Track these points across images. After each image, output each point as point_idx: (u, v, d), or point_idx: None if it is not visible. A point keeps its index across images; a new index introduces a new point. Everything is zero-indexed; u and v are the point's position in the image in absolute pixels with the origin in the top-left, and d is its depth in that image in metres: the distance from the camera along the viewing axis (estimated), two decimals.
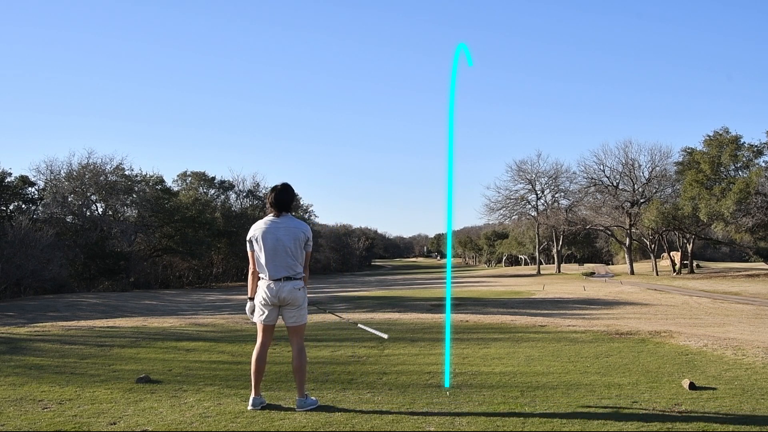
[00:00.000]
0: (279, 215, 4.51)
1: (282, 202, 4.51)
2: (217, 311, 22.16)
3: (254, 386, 4.49)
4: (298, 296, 4.46)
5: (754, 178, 42.54)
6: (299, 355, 4.51)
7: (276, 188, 4.56)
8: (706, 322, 16.06)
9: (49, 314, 20.54)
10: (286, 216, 4.53)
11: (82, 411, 4.40)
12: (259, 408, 4.41)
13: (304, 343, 4.60)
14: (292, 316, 4.50)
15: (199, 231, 48.59)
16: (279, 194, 4.52)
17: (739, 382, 5.18)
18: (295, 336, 4.55)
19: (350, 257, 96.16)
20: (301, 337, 4.56)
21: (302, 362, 4.50)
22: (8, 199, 37.40)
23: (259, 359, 4.50)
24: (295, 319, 4.50)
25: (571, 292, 33.51)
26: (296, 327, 4.53)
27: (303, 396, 4.48)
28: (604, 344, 7.40)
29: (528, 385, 5.15)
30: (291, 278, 4.44)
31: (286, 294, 4.43)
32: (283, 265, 4.42)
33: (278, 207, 4.50)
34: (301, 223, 4.59)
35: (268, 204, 4.61)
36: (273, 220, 4.50)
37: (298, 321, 4.51)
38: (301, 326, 4.55)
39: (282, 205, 4.51)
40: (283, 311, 4.52)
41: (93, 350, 7.42)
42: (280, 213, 4.51)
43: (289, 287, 4.43)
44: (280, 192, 4.52)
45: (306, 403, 4.45)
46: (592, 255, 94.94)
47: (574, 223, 66.90)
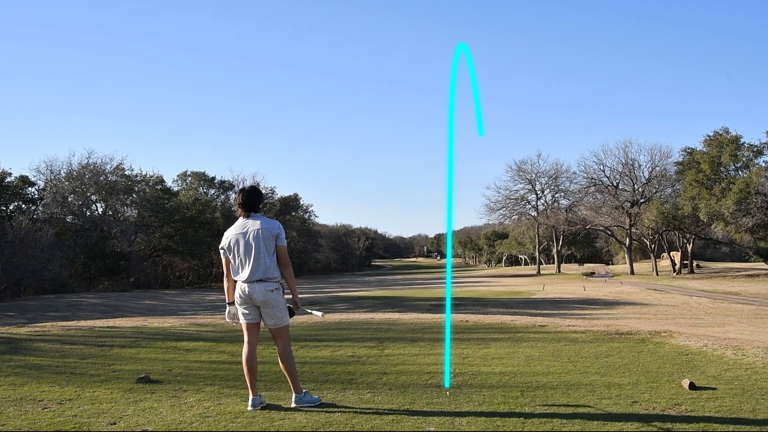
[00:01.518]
0: (248, 216, 4.58)
1: (249, 203, 4.61)
2: (217, 311, 22.15)
3: (250, 387, 4.49)
4: (270, 297, 4.45)
5: (754, 178, 42.54)
6: (284, 358, 4.52)
7: (244, 189, 4.68)
8: (706, 322, 16.06)
9: (49, 314, 20.54)
10: (254, 216, 4.59)
11: (82, 411, 4.40)
12: (259, 408, 4.40)
13: (288, 343, 4.58)
14: (271, 318, 4.50)
15: (199, 231, 48.57)
16: (247, 195, 4.63)
17: (739, 382, 5.18)
18: (278, 338, 4.55)
19: (350, 257, 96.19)
20: (283, 339, 4.55)
21: (289, 363, 4.52)
22: (8, 199, 37.40)
23: (249, 359, 4.50)
24: (274, 321, 4.50)
25: (571, 292, 33.51)
26: (277, 330, 4.52)
27: (299, 392, 4.51)
28: (604, 344, 7.40)
29: (528, 385, 5.15)
30: (263, 280, 4.45)
31: (259, 296, 4.44)
32: (255, 267, 4.44)
33: (246, 207, 4.60)
34: (270, 221, 4.61)
35: (236, 205, 4.71)
36: (243, 224, 4.57)
37: (278, 323, 4.50)
38: (283, 328, 4.53)
39: (249, 206, 4.61)
40: (262, 313, 4.52)
41: (93, 350, 7.42)
42: (248, 214, 4.59)
43: (261, 289, 4.44)
44: (248, 193, 4.64)
45: (304, 399, 4.47)
46: (592, 255, 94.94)
47: (574, 223, 66.89)
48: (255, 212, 4.62)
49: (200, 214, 50.06)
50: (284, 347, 4.53)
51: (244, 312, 4.54)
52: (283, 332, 4.54)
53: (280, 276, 4.54)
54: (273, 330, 4.54)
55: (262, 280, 4.44)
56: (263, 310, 4.50)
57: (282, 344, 4.54)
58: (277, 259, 4.53)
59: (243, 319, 4.56)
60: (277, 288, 4.49)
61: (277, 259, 4.53)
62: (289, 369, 4.51)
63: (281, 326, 4.52)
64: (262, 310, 4.50)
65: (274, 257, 4.51)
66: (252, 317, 4.54)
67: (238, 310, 4.57)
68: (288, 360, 4.52)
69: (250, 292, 4.45)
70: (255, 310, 4.53)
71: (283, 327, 4.53)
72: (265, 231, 4.49)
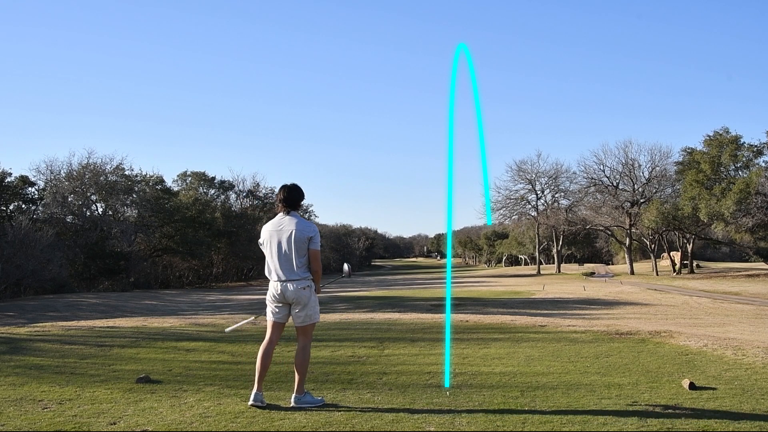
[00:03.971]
0: (287, 213, 4.65)
1: (290, 200, 4.67)
2: (217, 311, 22.16)
3: (257, 381, 4.54)
4: (302, 295, 4.54)
5: (754, 178, 42.54)
6: (302, 352, 4.60)
7: (285, 186, 4.73)
8: (706, 322, 16.05)
9: (49, 314, 20.52)
10: (292, 216, 4.65)
11: (82, 411, 4.40)
12: (259, 404, 4.43)
13: (310, 341, 4.66)
14: (299, 316, 4.58)
15: (199, 231, 48.56)
16: (288, 192, 4.69)
17: (739, 382, 5.18)
18: (302, 335, 4.64)
19: (350, 257, 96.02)
20: (307, 337, 4.64)
21: (303, 359, 4.58)
22: (8, 199, 37.38)
23: (264, 356, 4.58)
24: (302, 319, 4.59)
25: (571, 292, 33.51)
26: (303, 327, 4.61)
27: (301, 393, 4.54)
28: (604, 344, 7.40)
29: (528, 385, 5.15)
30: (295, 279, 4.53)
31: (290, 294, 4.53)
32: (287, 266, 4.53)
33: (286, 203, 4.66)
34: (306, 223, 4.67)
35: (277, 201, 4.77)
36: (279, 222, 4.63)
37: (305, 321, 4.60)
38: (308, 326, 4.62)
39: (290, 203, 4.67)
40: (292, 310, 4.61)
41: (93, 350, 7.42)
42: (288, 211, 4.65)
43: (293, 287, 4.53)
44: (289, 190, 4.70)
45: (303, 399, 4.51)
46: (592, 255, 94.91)
47: (574, 223, 66.88)
48: (294, 210, 4.69)
49: (200, 214, 50.04)
50: (305, 345, 4.62)
51: (274, 310, 4.63)
52: (308, 330, 4.64)
53: (310, 274, 4.61)
54: (299, 327, 4.62)
55: (293, 279, 4.53)
56: (293, 308, 4.59)
57: (303, 341, 4.62)
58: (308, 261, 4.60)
59: (271, 316, 4.66)
60: (308, 286, 4.58)
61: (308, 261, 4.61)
62: (301, 367, 4.57)
63: (307, 324, 4.61)
64: (293, 308, 4.59)
65: (305, 258, 4.58)
66: (280, 317, 4.63)
67: (269, 306, 4.67)
68: (304, 357, 4.59)
69: (281, 290, 4.55)
70: (285, 309, 4.62)
71: (309, 324, 4.62)
72: (299, 233, 4.55)
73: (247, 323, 5.31)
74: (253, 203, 61.94)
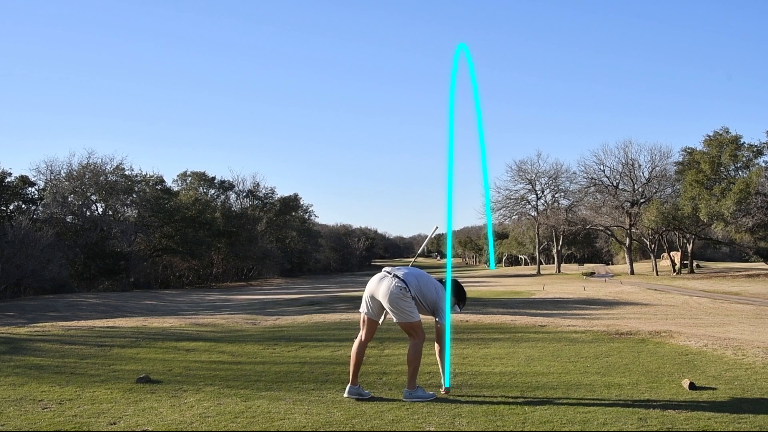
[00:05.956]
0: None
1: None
2: (217, 311, 22.15)
3: (351, 375, 4.77)
4: (392, 294, 4.65)
5: (754, 178, 42.54)
6: (411, 348, 4.74)
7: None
8: (706, 322, 16.05)
9: (49, 314, 20.53)
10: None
11: (82, 411, 4.40)
12: (355, 397, 4.63)
13: (418, 341, 4.74)
14: (395, 315, 4.71)
15: (199, 231, 48.56)
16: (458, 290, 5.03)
17: (739, 382, 5.18)
18: (408, 333, 4.79)
19: (350, 257, 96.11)
20: (412, 335, 4.76)
21: (413, 356, 4.70)
22: (8, 199, 37.39)
23: (356, 352, 4.81)
24: (397, 318, 4.72)
25: (571, 292, 33.51)
26: (401, 324, 4.75)
27: (411, 387, 4.67)
28: (604, 344, 7.40)
29: (528, 385, 5.15)
30: (397, 277, 4.69)
31: (382, 290, 4.69)
32: (405, 271, 4.76)
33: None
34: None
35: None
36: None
37: (400, 319, 4.71)
38: (407, 324, 4.73)
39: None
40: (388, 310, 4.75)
41: (93, 350, 7.42)
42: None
43: (386, 283, 4.69)
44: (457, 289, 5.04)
45: (414, 394, 4.64)
46: (592, 255, 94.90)
47: (574, 223, 66.88)
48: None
49: (200, 214, 50.02)
50: (414, 344, 4.73)
51: (365, 304, 4.83)
52: (408, 327, 4.76)
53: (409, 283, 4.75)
54: (399, 324, 4.77)
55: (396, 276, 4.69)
56: (386, 305, 4.72)
57: (411, 340, 4.76)
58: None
59: (362, 311, 4.86)
60: (404, 287, 4.68)
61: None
62: (411, 361, 4.70)
63: (405, 322, 4.72)
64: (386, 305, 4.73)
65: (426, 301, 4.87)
66: (371, 313, 4.83)
67: (362, 301, 4.84)
68: (414, 353, 4.71)
69: (377, 283, 4.75)
70: (375, 305, 4.78)
71: (407, 323, 4.72)
72: (434, 297, 4.89)
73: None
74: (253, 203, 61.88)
